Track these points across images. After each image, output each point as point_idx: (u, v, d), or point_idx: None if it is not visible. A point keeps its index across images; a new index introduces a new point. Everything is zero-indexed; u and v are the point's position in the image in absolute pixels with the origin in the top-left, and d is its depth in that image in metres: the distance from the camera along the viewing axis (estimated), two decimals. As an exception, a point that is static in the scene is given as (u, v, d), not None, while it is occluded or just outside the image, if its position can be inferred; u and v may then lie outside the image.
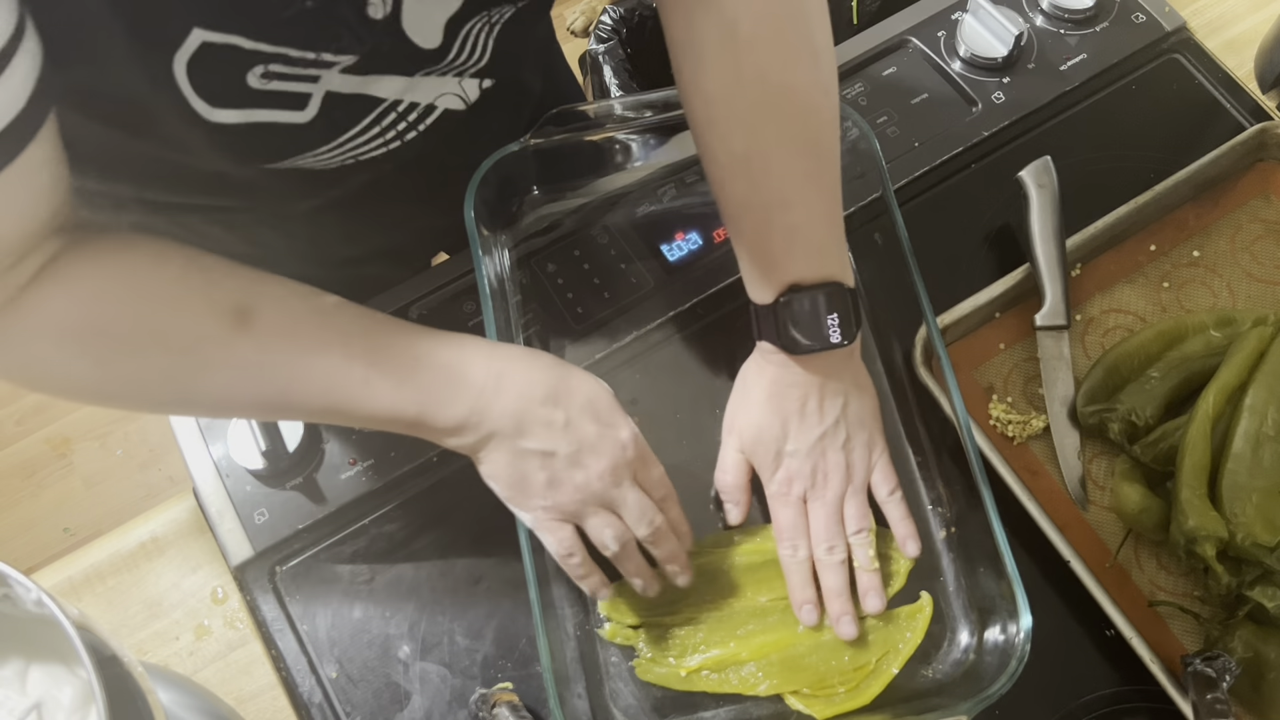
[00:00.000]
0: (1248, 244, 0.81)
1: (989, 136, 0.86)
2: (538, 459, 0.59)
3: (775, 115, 0.61)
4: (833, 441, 0.67)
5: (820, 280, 0.64)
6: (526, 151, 0.73)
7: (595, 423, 0.61)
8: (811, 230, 0.64)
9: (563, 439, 0.59)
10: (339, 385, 0.56)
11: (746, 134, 0.61)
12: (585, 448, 0.60)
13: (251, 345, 0.54)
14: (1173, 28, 0.89)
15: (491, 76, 0.65)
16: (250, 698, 0.70)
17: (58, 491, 1.75)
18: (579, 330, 0.78)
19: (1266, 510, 0.66)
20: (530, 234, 0.81)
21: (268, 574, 0.72)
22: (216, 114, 0.52)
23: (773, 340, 0.66)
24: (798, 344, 0.65)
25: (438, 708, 0.68)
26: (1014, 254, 0.79)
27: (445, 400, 0.57)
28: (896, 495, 0.69)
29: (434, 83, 0.61)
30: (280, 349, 0.55)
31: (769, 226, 0.64)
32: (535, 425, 0.59)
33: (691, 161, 0.82)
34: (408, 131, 0.63)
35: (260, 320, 0.54)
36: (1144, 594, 0.69)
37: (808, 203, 0.63)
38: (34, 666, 0.57)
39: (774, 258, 0.64)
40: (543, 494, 0.60)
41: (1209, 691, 0.61)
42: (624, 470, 0.61)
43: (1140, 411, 0.72)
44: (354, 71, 0.55)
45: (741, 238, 0.65)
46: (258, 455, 0.72)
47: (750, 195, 0.63)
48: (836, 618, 0.67)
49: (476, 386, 0.58)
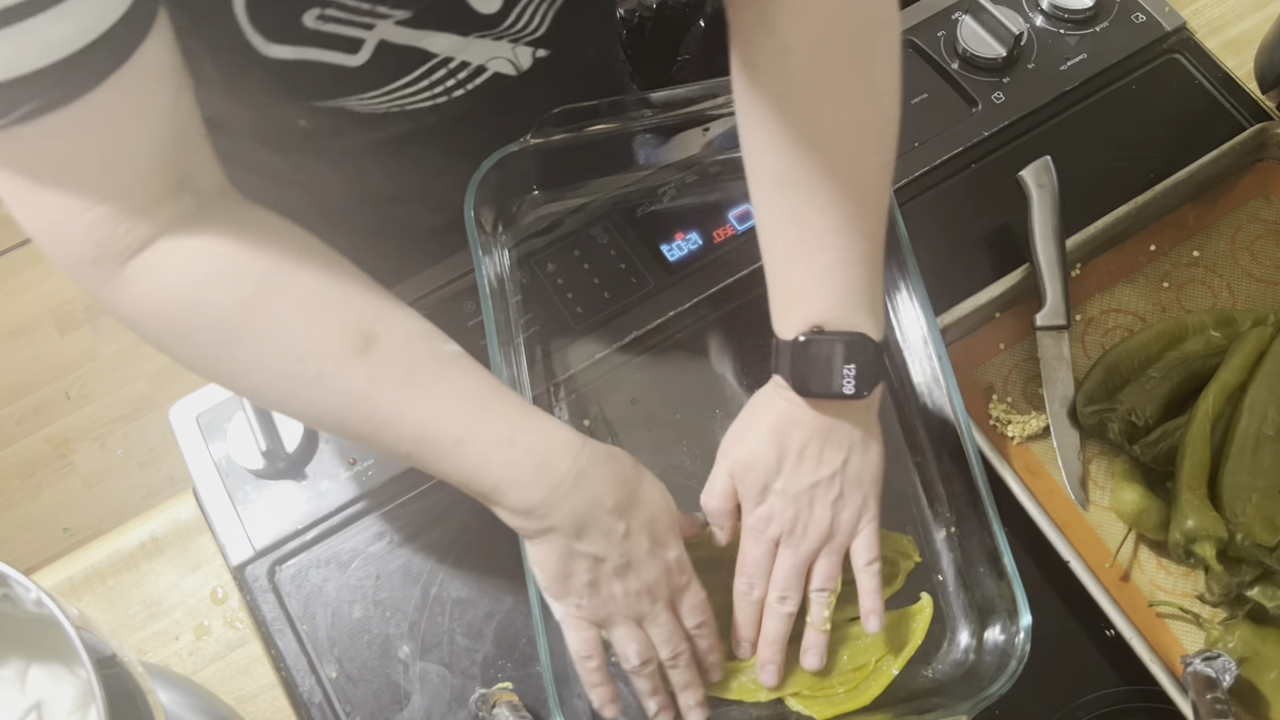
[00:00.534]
0: (1248, 244, 0.81)
1: (989, 136, 0.86)
2: (587, 561, 0.59)
3: (821, 150, 0.59)
4: (824, 494, 0.64)
5: (845, 329, 0.62)
6: (526, 151, 0.73)
7: (650, 539, 0.60)
8: (845, 275, 0.61)
9: (617, 549, 0.59)
10: (431, 440, 0.56)
11: (789, 164, 0.60)
12: (634, 563, 0.60)
13: (364, 374, 0.54)
14: (1173, 28, 0.89)
15: (546, 47, 0.65)
16: (250, 698, 0.70)
17: (58, 491, 1.75)
18: (579, 330, 0.78)
19: (1266, 510, 0.66)
20: (530, 234, 0.81)
21: (268, 574, 0.72)
22: (270, 49, 0.53)
23: (785, 377, 0.64)
24: (808, 387, 0.62)
25: (438, 708, 0.68)
26: (1014, 254, 0.79)
27: (523, 484, 0.57)
28: (874, 567, 0.65)
29: (487, 45, 0.61)
30: (390, 387, 0.54)
31: (801, 262, 0.62)
32: (596, 531, 0.58)
33: (692, 161, 0.82)
34: (456, 89, 0.63)
35: (381, 351, 0.54)
36: (1144, 594, 0.69)
37: (845, 246, 0.61)
38: (34, 666, 0.57)
39: (801, 294, 0.62)
40: (580, 594, 0.60)
41: (1209, 691, 0.61)
42: (661, 590, 0.61)
43: (1140, 411, 0.72)
44: (409, 25, 0.56)
45: (773, 265, 0.64)
46: (258, 455, 0.72)
47: (787, 226, 0.62)
48: (762, 664, 0.65)
49: (555, 479, 0.57)
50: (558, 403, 0.76)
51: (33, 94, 0.43)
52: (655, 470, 0.71)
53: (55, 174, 0.47)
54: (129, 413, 1.81)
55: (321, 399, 0.54)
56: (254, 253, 0.53)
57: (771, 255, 0.64)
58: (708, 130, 0.81)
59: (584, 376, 0.77)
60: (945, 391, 0.69)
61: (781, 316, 0.64)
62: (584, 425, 0.75)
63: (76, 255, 0.50)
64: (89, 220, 0.48)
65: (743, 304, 0.79)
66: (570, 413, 0.75)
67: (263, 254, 0.53)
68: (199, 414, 0.76)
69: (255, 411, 0.73)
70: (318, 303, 0.54)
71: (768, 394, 0.66)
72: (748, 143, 0.62)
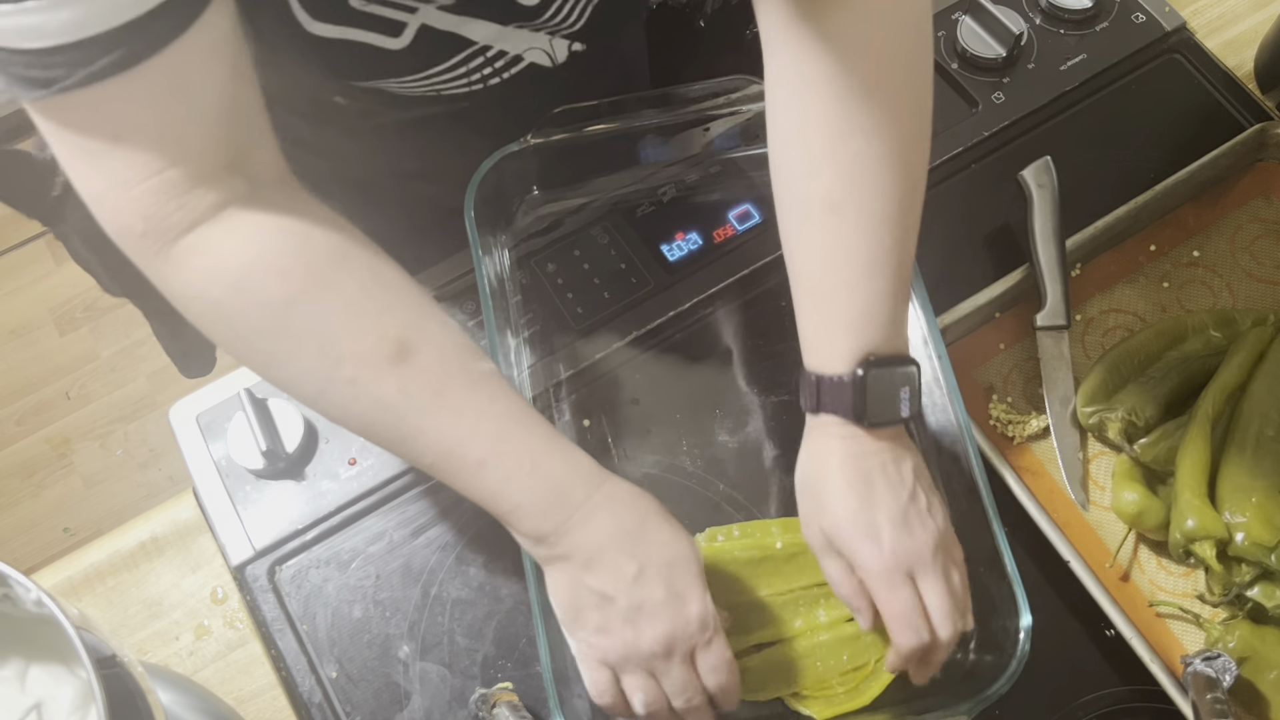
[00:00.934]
0: (1248, 244, 0.81)
1: (989, 136, 0.86)
2: (595, 598, 0.57)
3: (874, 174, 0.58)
4: (915, 507, 0.60)
5: (893, 353, 0.60)
6: (526, 151, 0.73)
7: (665, 587, 0.57)
8: (892, 300, 0.60)
9: (625, 589, 0.57)
10: (454, 455, 0.56)
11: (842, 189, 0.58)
12: (646, 608, 0.57)
13: (397, 383, 0.54)
14: (1173, 28, 0.89)
15: (583, 41, 0.66)
16: (250, 698, 0.70)
17: (58, 491, 1.75)
18: (579, 330, 0.78)
19: (1266, 510, 0.66)
20: (530, 234, 0.81)
21: (268, 574, 0.72)
22: (315, 26, 0.55)
23: (843, 413, 0.60)
24: (872, 418, 0.60)
25: (438, 708, 0.68)
26: (1014, 254, 0.79)
27: (538, 511, 0.57)
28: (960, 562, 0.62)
29: (525, 35, 0.62)
30: (421, 399, 0.55)
31: (851, 290, 0.59)
32: (603, 566, 0.57)
33: (692, 162, 0.82)
34: (492, 77, 0.64)
35: (415, 362, 0.54)
36: (1144, 594, 0.69)
37: (893, 273, 0.59)
38: (34, 666, 0.57)
39: (852, 324, 0.60)
40: (591, 633, 0.59)
41: (1209, 691, 0.61)
42: (680, 644, 0.58)
43: (1140, 411, 0.71)
44: (452, 10, 0.57)
45: (817, 296, 0.61)
46: (258, 455, 0.72)
47: (834, 254, 0.59)
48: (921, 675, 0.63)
49: (570, 509, 0.57)
50: (558, 403, 0.76)
51: (97, 56, 0.44)
52: (655, 470, 0.72)
53: (111, 141, 0.48)
54: (129, 413, 1.81)
55: (352, 403, 0.55)
56: (302, 247, 0.53)
57: (815, 285, 0.61)
58: (708, 130, 0.81)
59: (584, 376, 0.77)
60: (945, 392, 0.69)
61: (829, 350, 0.61)
62: (584, 425, 0.75)
63: (125, 226, 0.50)
64: (139, 193, 0.49)
65: (743, 304, 0.79)
66: (570, 413, 0.75)
67: (310, 250, 0.53)
68: (199, 414, 0.76)
69: (255, 412, 0.73)
70: (359, 307, 0.54)
71: (817, 447, 0.62)
72: (790, 165, 0.60)
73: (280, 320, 0.53)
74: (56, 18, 0.42)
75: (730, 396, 0.76)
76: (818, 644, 0.67)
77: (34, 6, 0.42)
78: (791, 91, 0.59)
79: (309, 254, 0.53)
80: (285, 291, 0.52)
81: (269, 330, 0.53)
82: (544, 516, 0.56)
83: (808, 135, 0.59)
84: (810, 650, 0.67)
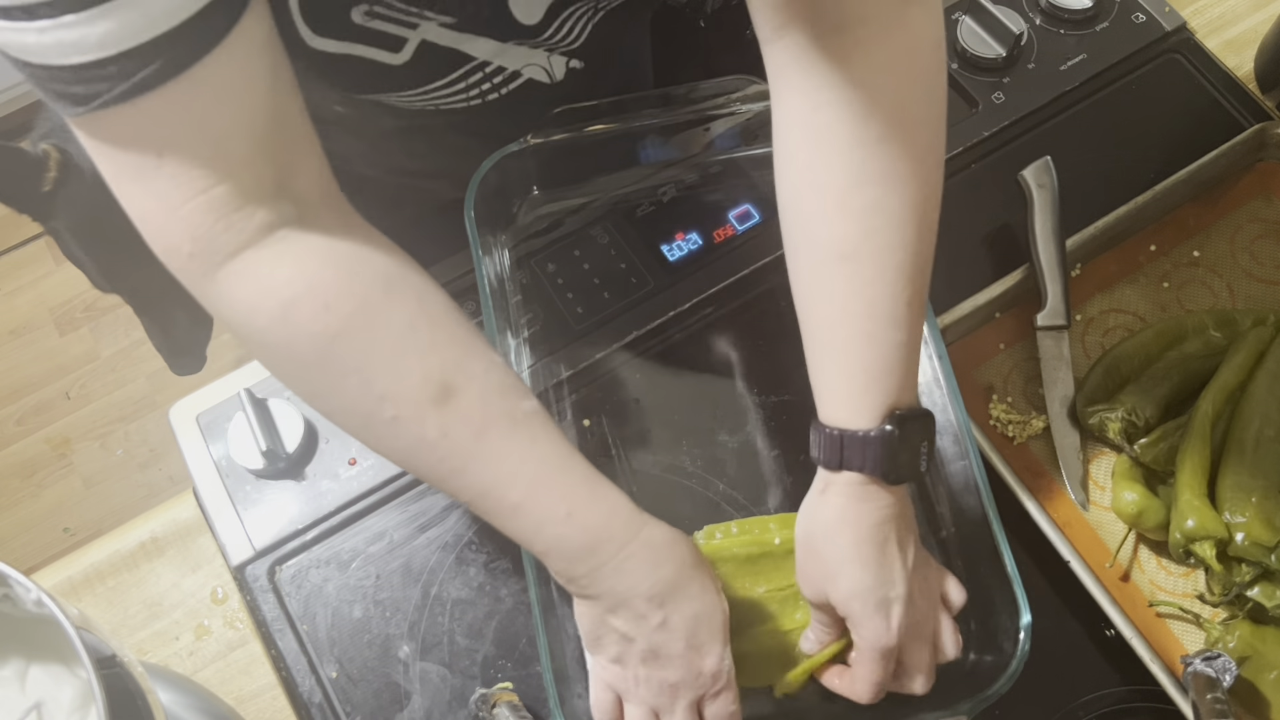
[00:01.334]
0: (1248, 244, 0.81)
1: (989, 136, 0.86)
2: (616, 636, 0.59)
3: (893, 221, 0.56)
4: (919, 578, 0.61)
5: (912, 407, 0.59)
6: (526, 151, 0.73)
7: (686, 640, 0.58)
8: (911, 352, 0.59)
9: (647, 636, 0.58)
10: (491, 497, 0.56)
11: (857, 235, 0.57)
12: (663, 657, 0.58)
13: (438, 424, 0.54)
14: (1173, 28, 0.89)
15: (582, 59, 0.66)
16: (250, 698, 0.70)
17: (58, 491, 1.75)
18: (579, 330, 0.78)
19: (1266, 510, 0.66)
20: (530, 234, 0.81)
21: (268, 574, 0.72)
22: (317, 41, 0.55)
23: (869, 470, 0.58)
24: (899, 475, 0.58)
25: (438, 708, 0.68)
26: (1014, 254, 0.79)
27: (571, 558, 0.57)
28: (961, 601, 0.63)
29: (524, 52, 0.63)
30: (462, 441, 0.55)
31: (874, 342, 0.58)
32: (629, 612, 0.58)
33: (692, 162, 0.82)
34: (490, 92, 0.65)
35: (457, 404, 0.54)
36: (1144, 594, 0.69)
37: (913, 323, 0.58)
38: (34, 666, 0.57)
39: (876, 377, 0.58)
40: (607, 660, 0.60)
41: (1209, 691, 0.61)
42: (685, 693, 0.59)
43: (1140, 411, 0.71)
44: (452, 27, 0.58)
45: (832, 347, 0.59)
46: (258, 455, 0.72)
47: (852, 303, 0.58)
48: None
49: (602, 559, 0.57)
50: (558, 402, 0.76)
51: (136, 69, 0.43)
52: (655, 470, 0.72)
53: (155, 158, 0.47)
54: (129, 413, 1.81)
55: (393, 439, 0.55)
56: (350, 281, 0.52)
57: (831, 335, 0.59)
58: (708, 130, 0.81)
59: (584, 376, 0.77)
60: (945, 392, 0.69)
61: (849, 402, 0.59)
62: (584, 425, 0.75)
63: (173, 247, 0.50)
64: (186, 213, 0.48)
65: (743, 304, 0.79)
66: (570, 413, 0.75)
67: (357, 283, 0.53)
68: (199, 414, 0.76)
69: (255, 412, 0.73)
70: (404, 345, 0.53)
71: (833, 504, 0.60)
72: (802, 210, 0.59)
73: (324, 354, 0.53)
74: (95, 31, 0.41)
75: (730, 396, 0.76)
76: None
77: (71, 20, 0.41)
78: (805, 136, 0.57)
79: (356, 287, 0.52)
80: (330, 326, 0.52)
81: (313, 363, 0.53)
82: (576, 563, 0.57)
83: (822, 181, 0.57)
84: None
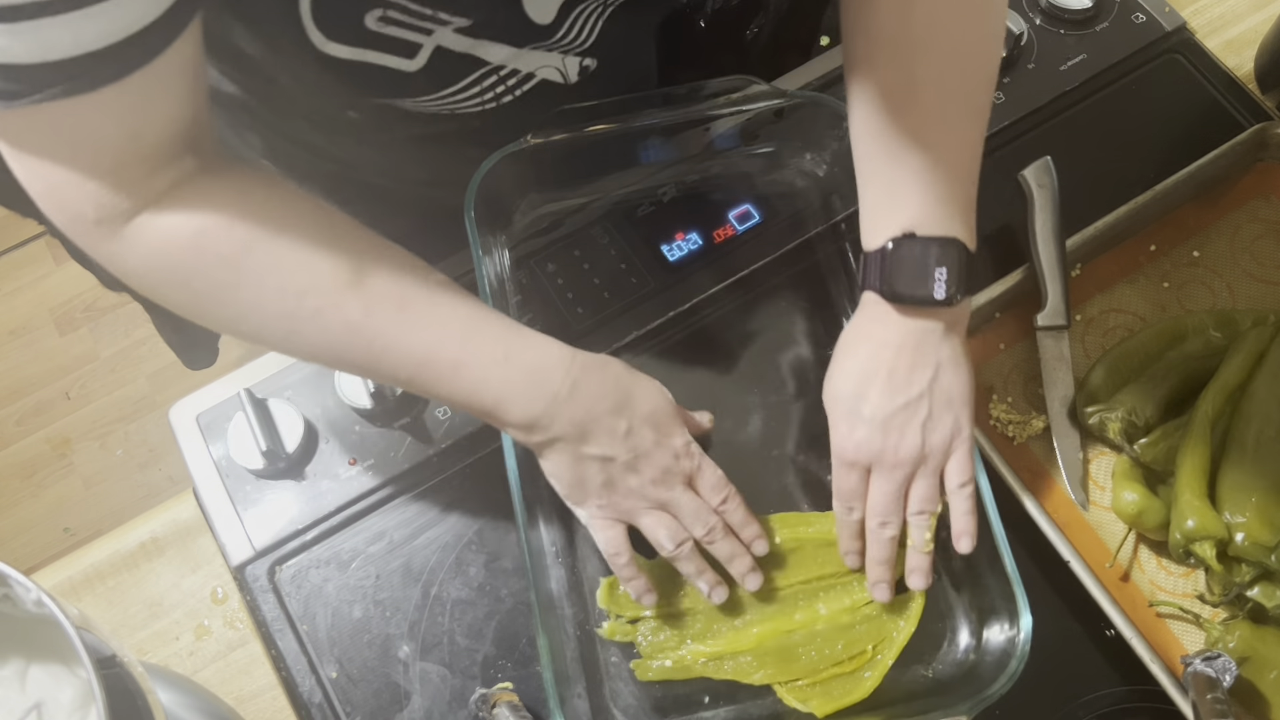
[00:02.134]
0: (1248, 244, 0.81)
1: (989, 136, 0.85)
2: (597, 464, 0.62)
3: (936, 58, 0.61)
4: (913, 415, 0.63)
5: (937, 233, 0.62)
6: (526, 151, 0.73)
7: (654, 431, 0.63)
8: (942, 179, 0.62)
9: (622, 446, 0.62)
10: (429, 364, 0.58)
11: (901, 70, 0.61)
12: (641, 454, 0.62)
13: (359, 306, 0.56)
14: (1173, 28, 0.89)
15: (594, 57, 0.66)
16: (250, 698, 0.70)
17: (58, 491, 1.75)
18: (579, 330, 0.78)
19: (1266, 510, 0.66)
20: (530, 234, 0.81)
21: (268, 574, 0.72)
22: (330, 47, 0.55)
23: (874, 287, 0.63)
24: (898, 291, 0.62)
25: (438, 708, 0.68)
26: (1014, 254, 0.79)
27: (521, 399, 0.60)
28: (968, 489, 0.65)
29: (539, 56, 0.63)
30: (386, 316, 0.57)
31: (900, 164, 0.62)
32: (599, 432, 0.61)
33: (692, 162, 0.82)
34: (505, 95, 0.65)
35: (372, 284, 0.56)
36: (1144, 594, 0.69)
37: (945, 149, 0.61)
38: (34, 666, 0.57)
39: (897, 198, 0.62)
40: (598, 494, 0.63)
41: (1209, 691, 0.61)
42: (675, 476, 0.64)
43: (1140, 411, 0.72)
44: (466, 33, 0.58)
45: (870, 176, 0.64)
46: (258, 455, 0.72)
47: (889, 128, 0.62)
48: (874, 582, 0.67)
49: (551, 391, 0.60)
50: (558, 403, 0.76)
51: (58, 79, 0.44)
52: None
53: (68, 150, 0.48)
54: (129, 413, 1.81)
55: (320, 334, 0.56)
56: (248, 201, 0.55)
57: (870, 166, 0.64)
58: (708, 130, 0.81)
59: (584, 376, 0.77)
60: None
61: (874, 224, 0.64)
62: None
63: (78, 215, 0.51)
64: (92, 188, 0.50)
65: (743, 304, 0.79)
66: (570, 413, 0.75)
67: (255, 202, 0.55)
68: (199, 414, 0.76)
69: (255, 412, 0.73)
70: (310, 243, 0.55)
71: (854, 323, 0.67)
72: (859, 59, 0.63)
73: (238, 270, 0.54)
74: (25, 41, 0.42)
75: (730, 396, 0.76)
76: (813, 634, 0.68)
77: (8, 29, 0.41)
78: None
79: (254, 206, 0.55)
80: (237, 241, 0.54)
81: (229, 282, 0.55)
82: (529, 402, 0.59)
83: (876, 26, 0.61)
84: (805, 640, 0.68)
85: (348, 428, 0.75)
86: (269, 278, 0.55)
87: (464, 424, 0.75)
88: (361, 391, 0.73)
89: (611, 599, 0.69)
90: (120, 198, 0.50)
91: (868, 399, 0.64)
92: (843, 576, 0.69)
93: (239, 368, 0.77)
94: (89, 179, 0.49)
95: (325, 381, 0.76)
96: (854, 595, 0.69)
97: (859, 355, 0.65)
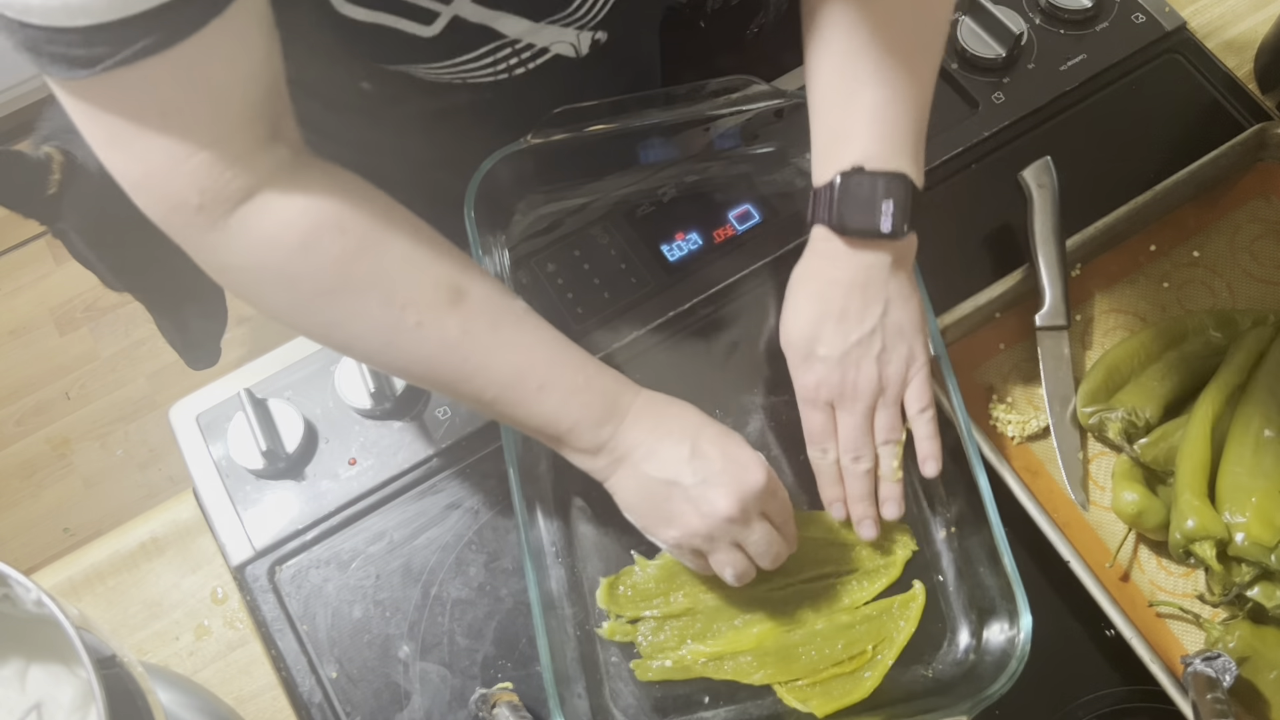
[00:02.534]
0: (1248, 244, 0.81)
1: (989, 136, 0.86)
2: (663, 488, 0.61)
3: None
4: (867, 350, 0.65)
5: (885, 169, 0.63)
6: (526, 151, 0.73)
7: (722, 457, 0.62)
8: (893, 115, 0.63)
9: (688, 469, 0.61)
10: (516, 385, 0.59)
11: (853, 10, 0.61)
12: (710, 479, 0.61)
13: (458, 324, 0.57)
14: (1173, 28, 0.89)
15: (605, 30, 0.67)
16: (250, 698, 0.70)
17: (58, 491, 1.75)
18: (579, 330, 0.78)
19: (1266, 510, 0.66)
20: (530, 234, 0.81)
21: (268, 574, 0.72)
22: (348, 8, 0.55)
23: (823, 220, 0.64)
24: (846, 224, 0.63)
25: (438, 708, 0.68)
26: (1014, 254, 0.79)
27: (596, 423, 0.60)
28: (928, 414, 0.67)
29: (554, 30, 0.64)
30: (481, 337, 0.58)
31: (851, 100, 0.63)
32: (662, 453, 0.61)
33: (691, 161, 0.82)
34: (518, 67, 0.66)
35: (470, 304, 0.57)
36: (1144, 594, 0.69)
37: (896, 87, 0.62)
38: (34, 666, 0.57)
39: (846, 133, 0.63)
40: (670, 525, 0.62)
41: (1209, 691, 0.61)
42: (752, 504, 0.62)
43: (1140, 411, 0.72)
44: (485, 4, 0.58)
45: (822, 115, 0.65)
46: (258, 455, 0.72)
47: (843, 66, 0.63)
48: (859, 519, 0.68)
49: (621, 415, 0.61)
50: (558, 403, 0.76)
51: (139, 35, 0.44)
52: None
53: (159, 119, 0.48)
54: (129, 413, 1.81)
55: (417, 348, 0.57)
56: (356, 207, 0.55)
57: (822, 102, 0.65)
58: (708, 130, 0.81)
59: (584, 376, 0.77)
60: (945, 392, 0.69)
61: (823, 160, 0.65)
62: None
63: (180, 202, 0.50)
64: (193, 166, 0.49)
65: (743, 304, 0.79)
66: (570, 413, 0.75)
67: (364, 209, 0.55)
68: (199, 414, 0.76)
69: (255, 412, 0.73)
70: (414, 257, 0.56)
71: (803, 261, 0.67)
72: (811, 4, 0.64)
73: (346, 276, 0.54)
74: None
75: (730, 396, 0.76)
76: (812, 633, 0.68)
77: None
78: None
79: (362, 213, 0.55)
80: (349, 248, 0.54)
81: (334, 287, 0.55)
82: (600, 427, 0.60)
83: None
84: (805, 639, 0.68)
85: (348, 428, 0.75)
86: (374, 287, 0.55)
87: (464, 424, 0.75)
88: (361, 391, 0.73)
89: (611, 599, 0.69)
90: (225, 176, 0.50)
91: (822, 339, 0.65)
92: (843, 576, 0.70)
93: (239, 368, 0.77)
94: (184, 159, 0.49)
95: (325, 382, 0.76)
96: (854, 595, 0.69)
97: (811, 296, 0.66)
